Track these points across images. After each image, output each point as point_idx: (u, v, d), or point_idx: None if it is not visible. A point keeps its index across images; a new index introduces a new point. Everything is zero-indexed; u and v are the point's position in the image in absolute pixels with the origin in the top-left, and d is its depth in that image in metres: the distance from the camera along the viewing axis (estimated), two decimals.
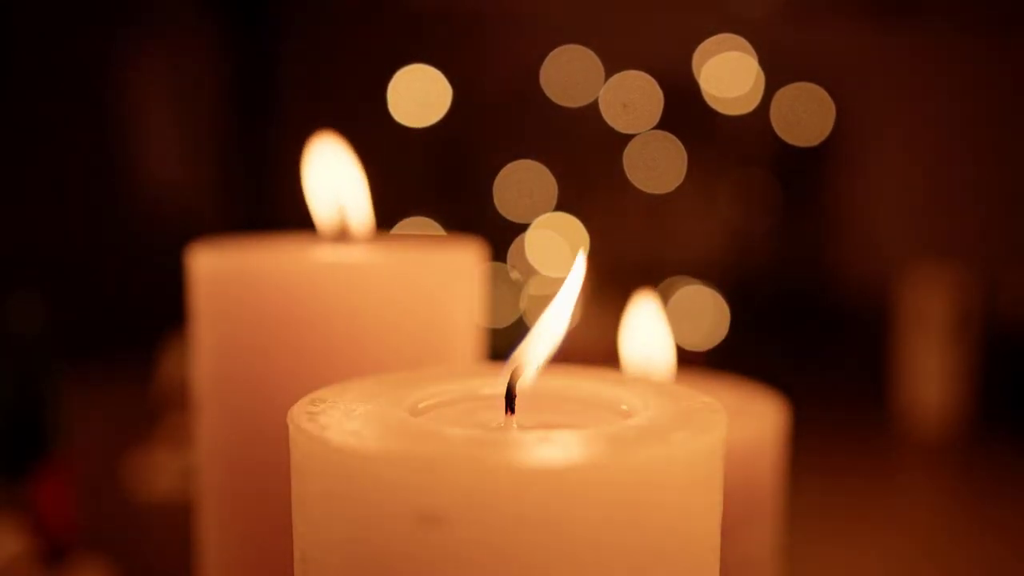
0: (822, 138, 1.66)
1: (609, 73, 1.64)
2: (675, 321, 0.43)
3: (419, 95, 1.64)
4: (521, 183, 1.65)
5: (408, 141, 1.64)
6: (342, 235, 0.40)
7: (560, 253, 1.57)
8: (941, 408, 1.15)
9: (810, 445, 0.65)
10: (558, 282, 0.28)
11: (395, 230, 1.41)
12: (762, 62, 1.61)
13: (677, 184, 1.65)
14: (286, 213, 1.73)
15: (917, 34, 1.57)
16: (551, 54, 1.65)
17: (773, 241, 1.72)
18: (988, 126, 1.56)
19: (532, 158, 1.65)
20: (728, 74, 1.62)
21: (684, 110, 1.64)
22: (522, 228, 1.60)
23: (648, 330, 0.40)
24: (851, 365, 1.40)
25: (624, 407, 0.27)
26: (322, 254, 0.38)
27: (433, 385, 0.28)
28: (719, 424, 0.24)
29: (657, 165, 1.64)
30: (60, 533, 0.59)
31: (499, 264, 1.52)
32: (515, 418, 0.26)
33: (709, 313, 1.51)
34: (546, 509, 0.21)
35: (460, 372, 0.29)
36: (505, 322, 1.34)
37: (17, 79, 1.39)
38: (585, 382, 0.28)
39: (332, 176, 0.40)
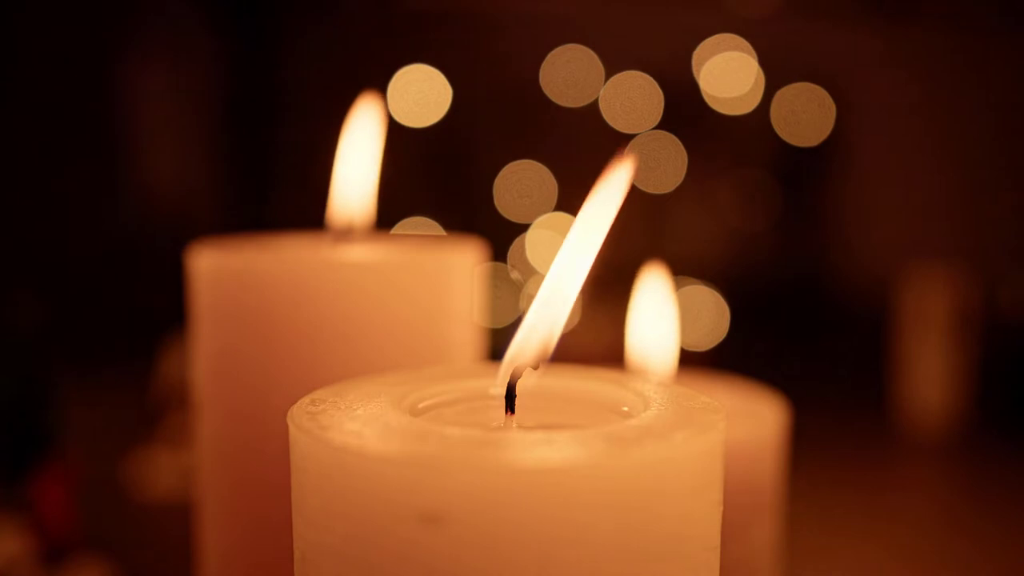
0: (822, 138, 1.66)
1: (609, 73, 1.64)
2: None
3: (419, 95, 1.64)
4: (521, 183, 1.65)
5: (408, 141, 1.64)
6: (343, 233, 0.40)
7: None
8: (941, 408, 1.15)
9: (810, 445, 0.65)
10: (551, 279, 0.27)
11: (395, 230, 1.41)
12: (762, 62, 1.61)
13: (677, 184, 1.65)
14: (286, 213, 1.73)
15: (917, 34, 1.57)
16: (551, 54, 1.65)
17: (773, 241, 1.72)
18: (988, 126, 1.56)
19: (532, 158, 1.65)
20: (728, 74, 1.62)
21: (684, 110, 1.64)
22: (522, 228, 1.60)
23: (655, 317, 0.40)
24: (851, 365, 1.40)
25: (624, 407, 0.27)
26: (322, 254, 0.38)
27: (433, 385, 0.28)
28: (719, 424, 0.24)
29: (657, 165, 1.64)
30: (60, 533, 0.59)
31: (499, 264, 1.52)
32: (515, 418, 0.26)
33: (709, 313, 1.51)
34: (546, 509, 0.21)
35: (460, 372, 0.29)
36: (505, 322, 1.34)
37: (18, 81, 1.39)
38: (585, 382, 0.28)
39: (356, 161, 0.40)
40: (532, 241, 1.59)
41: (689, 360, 0.42)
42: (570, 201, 1.60)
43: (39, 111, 1.41)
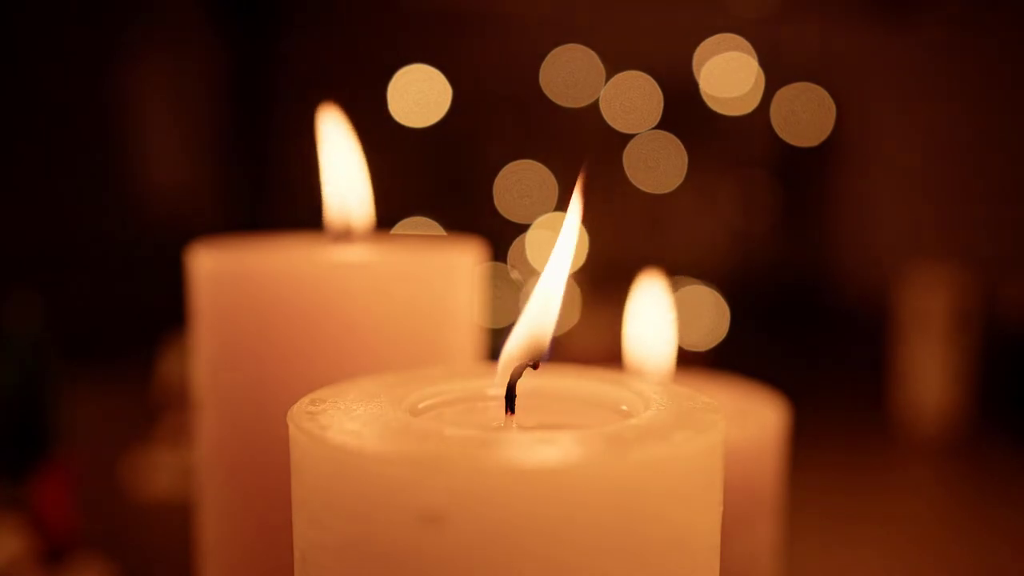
0: (822, 138, 1.66)
1: (609, 73, 1.64)
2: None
3: (419, 95, 1.64)
4: (521, 183, 1.65)
5: (408, 141, 1.64)
6: (343, 233, 0.40)
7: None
8: (941, 408, 1.15)
9: (810, 445, 0.65)
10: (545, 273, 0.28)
11: (395, 230, 1.41)
12: (762, 62, 1.61)
13: (677, 184, 1.65)
14: (286, 213, 1.73)
15: (917, 34, 1.57)
16: (551, 54, 1.65)
17: (773, 241, 1.72)
18: (988, 126, 1.56)
19: (532, 158, 1.65)
20: (728, 74, 1.62)
21: (684, 110, 1.64)
22: (522, 228, 1.60)
23: (653, 318, 0.40)
24: (851, 365, 1.40)
25: (624, 407, 0.27)
26: (322, 254, 0.38)
27: (433, 385, 0.28)
28: (719, 424, 0.24)
29: (657, 165, 1.64)
30: (60, 533, 0.59)
31: (499, 264, 1.52)
32: (515, 418, 0.26)
33: (709, 313, 1.51)
34: (546, 509, 0.21)
35: (460, 372, 0.29)
36: (505, 322, 1.33)
37: (18, 79, 1.39)
38: (585, 382, 0.28)
39: (340, 167, 0.40)
40: (532, 241, 1.59)
41: (689, 360, 0.41)
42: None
43: (39, 111, 1.41)
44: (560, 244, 0.27)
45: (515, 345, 0.26)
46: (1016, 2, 1.51)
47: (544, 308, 0.27)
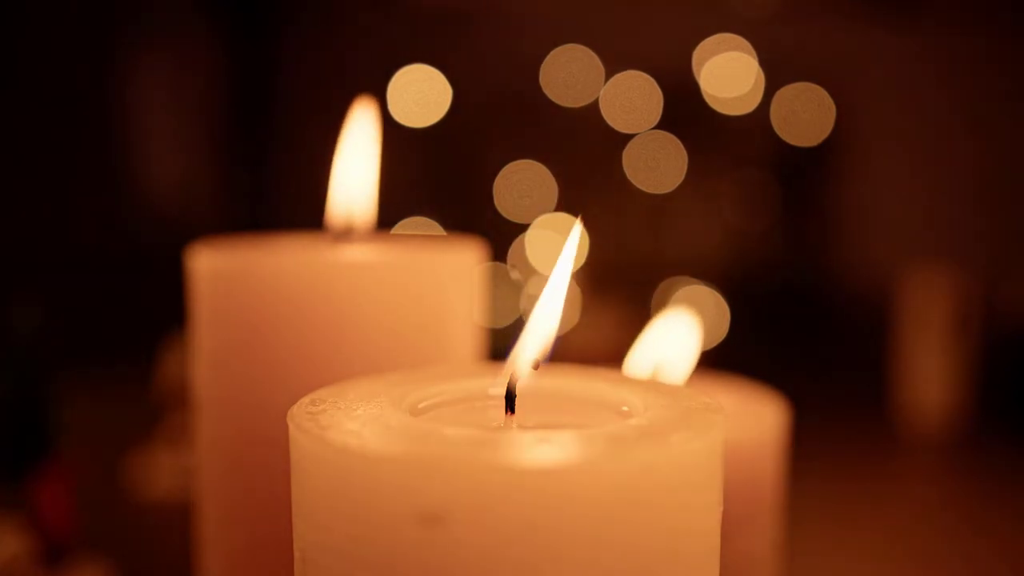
0: (822, 138, 1.66)
1: (609, 73, 1.64)
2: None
3: (419, 95, 1.64)
4: (521, 183, 1.65)
5: (408, 141, 1.64)
6: (344, 233, 0.40)
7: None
8: (941, 408, 1.15)
9: (810, 445, 0.65)
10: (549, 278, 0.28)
11: (395, 230, 1.41)
12: (762, 62, 1.61)
13: (677, 184, 1.64)
14: (286, 213, 1.73)
15: (917, 34, 1.57)
16: (551, 54, 1.65)
17: (773, 241, 1.72)
18: (988, 126, 1.56)
19: (532, 158, 1.65)
20: (728, 74, 1.62)
21: (684, 110, 1.64)
22: (522, 228, 1.60)
23: (675, 344, 0.40)
24: (851, 365, 1.40)
25: (624, 407, 0.27)
26: (322, 254, 0.38)
27: (433, 385, 0.28)
28: (719, 424, 0.24)
29: (657, 165, 1.64)
30: (60, 533, 0.59)
31: (499, 264, 1.52)
32: (515, 418, 0.26)
33: (709, 313, 1.51)
34: (546, 509, 0.21)
35: (460, 372, 0.29)
36: (505, 322, 1.34)
37: (18, 80, 1.39)
38: (585, 382, 0.28)
39: (353, 165, 0.40)
40: (532, 241, 1.59)
41: None
42: (570, 201, 1.60)
43: (39, 111, 1.41)
44: (566, 250, 0.28)
45: (525, 351, 0.27)
46: (1017, 2, 1.51)
47: (548, 313, 0.27)
